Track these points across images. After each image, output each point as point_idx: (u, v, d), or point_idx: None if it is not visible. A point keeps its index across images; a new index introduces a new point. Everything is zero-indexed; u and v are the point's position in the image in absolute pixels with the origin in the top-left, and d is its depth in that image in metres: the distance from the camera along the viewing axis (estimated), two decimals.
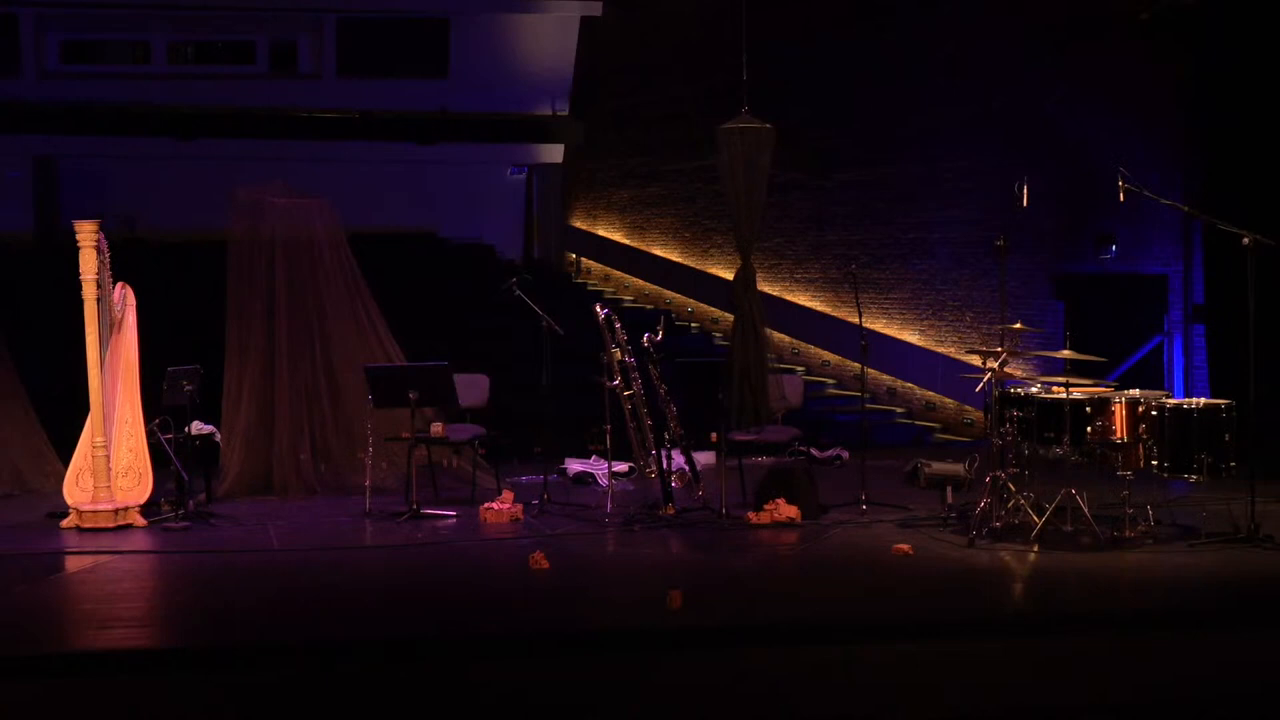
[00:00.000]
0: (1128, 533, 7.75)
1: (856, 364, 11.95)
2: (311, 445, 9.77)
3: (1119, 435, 7.82)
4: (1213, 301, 11.42)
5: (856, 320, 9.46)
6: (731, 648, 5.97)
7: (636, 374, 8.93)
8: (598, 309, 9.03)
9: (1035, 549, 7.62)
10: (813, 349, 15.62)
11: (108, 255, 8.64)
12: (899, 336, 14.40)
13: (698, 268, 17.19)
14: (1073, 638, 6.13)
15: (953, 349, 13.85)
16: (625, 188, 18.48)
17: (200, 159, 17.57)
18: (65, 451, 8.96)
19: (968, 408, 13.55)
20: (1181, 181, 11.52)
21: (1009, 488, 8.03)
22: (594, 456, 10.62)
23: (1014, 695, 5.65)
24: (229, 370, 9.74)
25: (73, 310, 8.57)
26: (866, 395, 10.72)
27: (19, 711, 5.33)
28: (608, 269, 18.87)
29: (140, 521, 8.55)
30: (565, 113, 19.03)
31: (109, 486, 8.52)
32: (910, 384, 14.44)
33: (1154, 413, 7.80)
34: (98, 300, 8.54)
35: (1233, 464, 7.80)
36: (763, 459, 10.23)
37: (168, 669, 5.67)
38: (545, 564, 7.25)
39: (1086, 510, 7.77)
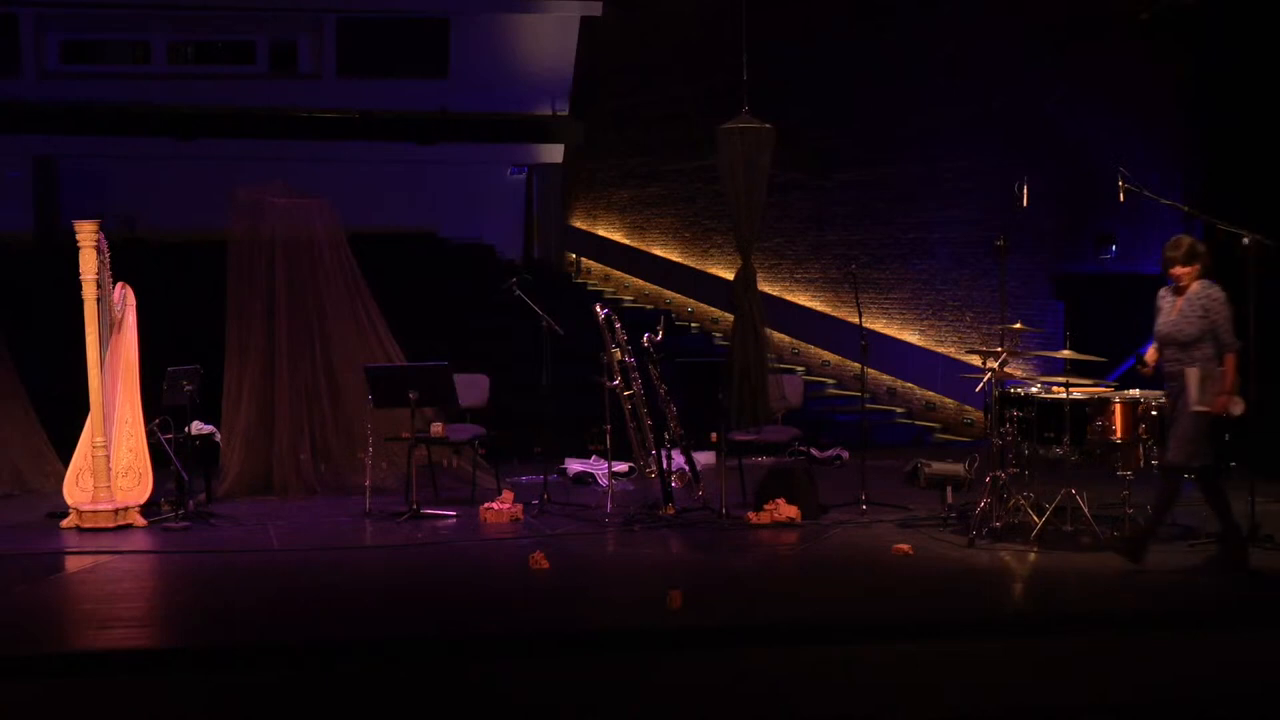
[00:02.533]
0: (1128, 533, 7.74)
1: (856, 364, 11.94)
2: (311, 445, 9.78)
3: (1119, 435, 7.82)
4: None
5: (856, 320, 9.46)
6: (731, 648, 5.98)
7: (636, 374, 8.93)
8: (598, 309, 9.03)
9: (1035, 549, 7.62)
10: (813, 349, 15.61)
11: (108, 255, 8.64)
12: (899, 336, 14.40)
13: (698, 268, 17.19)
14: (1073, 638, 6.14)
15: (953, 349, 13.84)
16: (625, 188, 18.48)
17: (200, 159, 17.57)
18: (65, 451, 8.97)
19: (968, 408, 13.54)
20: (1181, 181, 11.51)
21: (1009, 488, 8.03)
22: (594, 456, 10.62)
23: (1014, 695, 5.64)
24: (229, 370, 9.74)
25: (73, 310, 8.57)
26: (866, 395, 10.72)
27: (19, 711, 5.32)
28: (608, 269, 18.87)
29: (140, 521, 8.55)
30: (565, 113, 19.03)
31: (109, 486, 8.52)
32: (910, 384, 14.43)
33: (1154, 413, 7.79)
34: (98, 300, 8.55)
35: (1233, 464, 7.79)
36: (763, 459, 10.23)
37: (168, 669, 5.67)
38: (545, 564, 7.25)
39: (1086, 510, 7.77)
